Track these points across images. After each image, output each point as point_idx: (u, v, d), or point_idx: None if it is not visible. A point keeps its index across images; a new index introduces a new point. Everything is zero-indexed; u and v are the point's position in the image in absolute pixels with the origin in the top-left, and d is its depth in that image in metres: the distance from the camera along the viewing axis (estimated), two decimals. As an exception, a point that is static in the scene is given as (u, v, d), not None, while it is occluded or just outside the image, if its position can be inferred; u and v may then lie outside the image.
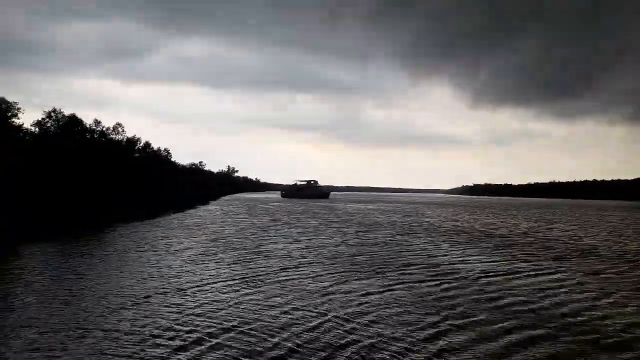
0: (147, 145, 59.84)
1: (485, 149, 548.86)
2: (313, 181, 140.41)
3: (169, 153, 71.75)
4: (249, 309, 11.13)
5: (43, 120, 38.35)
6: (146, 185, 51.81)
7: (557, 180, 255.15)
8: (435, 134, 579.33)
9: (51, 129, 38.36)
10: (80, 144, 39.03)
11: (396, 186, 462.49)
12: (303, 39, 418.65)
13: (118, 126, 49.71)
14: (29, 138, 34.88)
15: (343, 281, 14.60)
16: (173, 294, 12.58)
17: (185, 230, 30.34)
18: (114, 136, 48.59)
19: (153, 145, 62.45)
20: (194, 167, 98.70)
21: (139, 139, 56.47)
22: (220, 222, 37.30)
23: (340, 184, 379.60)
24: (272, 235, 28.24)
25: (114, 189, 42.35)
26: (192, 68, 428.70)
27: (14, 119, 32.13)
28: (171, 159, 72.94)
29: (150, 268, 16.31)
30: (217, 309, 11.12)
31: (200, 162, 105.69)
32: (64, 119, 39.66)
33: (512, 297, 12.83)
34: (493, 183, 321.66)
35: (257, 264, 17.46)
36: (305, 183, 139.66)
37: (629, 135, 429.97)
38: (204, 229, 31.02)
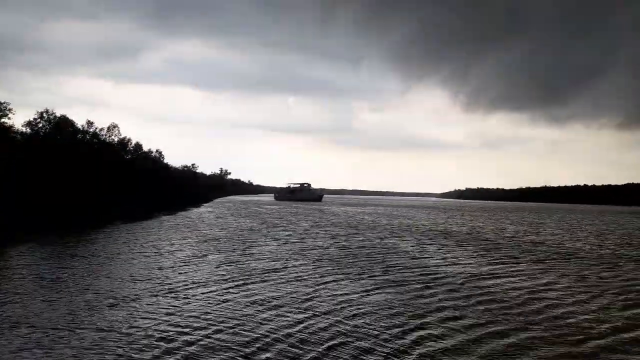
0: (139, 146, 59.81)
1: (477, 153, 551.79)
2: (306, 184, 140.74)
3: (161, 154, 71.74)
4: (237, 310, 11.25)
5: (35, 120, 38.27)
6: (145, 185, 51.92)
7: (549, 185, 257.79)
8: (428, 138, 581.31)
9: (42, 129, 38.25)
10: (72, 144, 38.98)
11: (389, 190, 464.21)
12: (296, 42, 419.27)
13: (114, 127, 49.83)
14: (20, 138, 34.80)
15: (331, 282, 14.75)
16: (165, 294, 12.68)
17: (176, 231, 30.38)
18: (107, 137, 48.63)
19: (144, 147, 62.56)
20: (186, 170, 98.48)
21: (130, 140, 56.40)
22: (211, 224, 37.35)
23: (333, 187, 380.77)
24: (263, 237, 28.35)
25: (113, 187, 42.42)
26: (185, 70, 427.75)
27: (5, 120, 32.11)
28: (164, 160, 72.92)
29: (142, 269, 16.38)
30: (207, 310, 11.23)
31: (192, 165, 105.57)
32: (56, 119, 39.58)
33: (497, 299, 13.05)
34: (484, 187, 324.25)
35: (248, 265, 17.58)
36: (299, 186, 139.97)
37: (619, 140, 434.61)
38: (195, 231, 31.07)
